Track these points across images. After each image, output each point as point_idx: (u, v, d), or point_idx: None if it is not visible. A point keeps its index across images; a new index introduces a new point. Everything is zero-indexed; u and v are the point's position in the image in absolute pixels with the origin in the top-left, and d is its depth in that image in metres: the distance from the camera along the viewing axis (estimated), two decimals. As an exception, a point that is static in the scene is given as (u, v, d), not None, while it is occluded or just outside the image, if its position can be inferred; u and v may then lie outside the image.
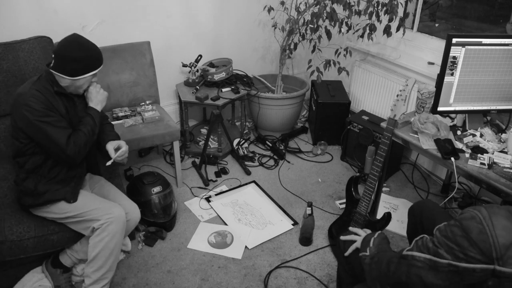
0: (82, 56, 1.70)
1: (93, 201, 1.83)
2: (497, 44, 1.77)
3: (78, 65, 1.70)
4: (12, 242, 1.76)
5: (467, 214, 1.00)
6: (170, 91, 3.22)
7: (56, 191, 1.78)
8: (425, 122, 1.87)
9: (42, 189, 1.77)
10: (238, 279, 2.08)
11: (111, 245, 1.76)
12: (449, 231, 1.02)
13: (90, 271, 1.77)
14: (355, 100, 3.38)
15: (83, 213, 1.77)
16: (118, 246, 1.80)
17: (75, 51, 1.69)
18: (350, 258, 1.54)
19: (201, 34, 3.16)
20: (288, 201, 2.66)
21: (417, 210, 1.66)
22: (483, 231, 0.95)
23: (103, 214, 1.75)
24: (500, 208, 0.99)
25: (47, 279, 1.95)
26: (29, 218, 1.84)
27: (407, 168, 2.99)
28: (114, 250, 1.77)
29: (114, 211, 1.78)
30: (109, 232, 1.74)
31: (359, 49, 3.24)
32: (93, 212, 1.76)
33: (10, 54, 2.09)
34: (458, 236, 0.99)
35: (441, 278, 1.03)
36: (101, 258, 1.76)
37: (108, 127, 2.00)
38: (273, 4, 3.06)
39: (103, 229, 1.74)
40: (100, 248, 1.74)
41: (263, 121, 3.29)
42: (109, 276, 1.81)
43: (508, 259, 0.93)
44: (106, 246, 1.75)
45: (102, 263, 1.76)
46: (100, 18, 2.66)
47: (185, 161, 3.05)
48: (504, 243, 0.93)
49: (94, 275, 1.77)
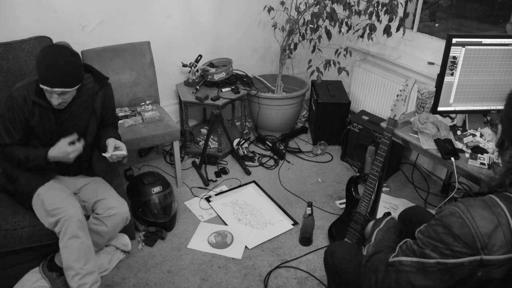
0: (42, 67, 1.63)
1: (58, 198, 1.83)
2: (497, 44, 1.77)
3: (39, 73, 1.65)
4: (6, 231, 1.78)
5: (446, 211, 1.01)
6: (170, 91, 3.22)
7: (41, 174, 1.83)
8: (425, 122, 1.87)
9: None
10: (238, 279, 2.08)
11: (75, 246, 1.74)
12: (431, 230, 1.03)
13: (68, 279, 1.76)
14: (355, 100, 3.38)
15: (53, 209, 1.78)
16: (84, 247, 1.76)
17: (41, 58, 1.64)
18: (338, 271, 1.48)
19: (201, 34, 3.16)
20: (288, 201, 2.66)
21: (406, 216, 1.65)
22: (464, 224, 0.96)
23: (62, 216, 1.75)
24: (475, 199, 1.01)
25: (45, 280, 1.94)
26: (24, 209, 1.87)
27: (407, 168, 2.99)
28: (81, 251, 1.75)
29: (69, 211, 1.76)
30: (68, 233, 1.74)
31: (359, 49, 3.24)
32: (57, 211, 1.77)
33: (10, 54, 2.10)
34: (441, 233, 1.00)
35: (431, 279, 1.03)
36: (72, 263, 1.75)
37: (113, 129, 2.03)
38: (273, 4, 3.06)
39: (64, 233, 1.74)
40: (67, 253, 1.74)
41: (263, 121, 3.29)
42: (88, 281, 1.77)
43: (492, 247, 0.95)
44: (72, 249, 1.74)
45: (77, 268, 1.75)
46: (100, 18, 2.66)
47: (185, 161, 3.05)
48: (486, 232, 0.95)
49: (73, 283, 1.75)
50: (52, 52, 1.65)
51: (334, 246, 1.59)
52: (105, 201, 1.90)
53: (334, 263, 1.49)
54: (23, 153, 1.76)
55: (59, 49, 1.67)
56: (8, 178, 1.89)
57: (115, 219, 1.90)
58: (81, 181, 2.02)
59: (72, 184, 1.99)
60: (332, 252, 1.53)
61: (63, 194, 1.86)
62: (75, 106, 1.82)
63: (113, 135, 1.94)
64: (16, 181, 1.86)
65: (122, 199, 1.97)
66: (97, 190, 1.97)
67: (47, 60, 1.62)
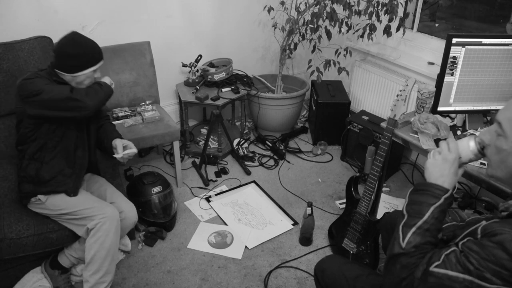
0: (78, 53, 1.72)
1: (88, 200, 1.84)
2: (497, 44, 1.76)
3: (75, 62, 1.73)
4: (11, 240, 1.76)
5: (507, 235, 0.92)
6: (170, 91, 3.22)
7: (58, 182, 1.79)
8: (425, 122, 1.87)
9: (46, 176, 1.78)
10: (238, 279, 2.08)
11: (107, 244, 1.75)
12: (490, 254, 0.93)
13: (88, 274, 1.77)
14: (355, 100, 3.38)
15: (77, 211, 1.77)
16: (114, 246, 1.79)
17: (71, 48, 1.72)
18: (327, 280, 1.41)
19: (201, 34, 3.16)
20: (288, 201, 2.66)
21: (388, 224, 1.63)
22: None
23: (97, 214, 1.75)
24: None
25: (46, 279, 1.95)
26: (29, 216, 1.85)
27: (407, 168, 2.99)
28: (110, 250, 1.77)
29: (107, 210, 1.78)
30: (104, 231, 1.74)
31: (359, 49, 3.24)
32: (87, 211, 1.77)
33: (10, 54, 2.09)
34: (504, 260, 0.91)
35: None
36: (98, 259, 1.75)
37: (110, 126, 2.02)
38: (273, 4, 3.06)
39: (98, 229, 1.74)
40: (96, 249, 1.74)
41: (263, 121, 3.29)
42: (107, 279, 1.80)
43: None
44: (102, 247, 1.75)
45: (99, 265, 1.76)
46: (100, 18, 2.66)
47: (185, 161, 3.05)
48: None
49: (92, 279, 1.76)
50: (71, 40, 1.74)
51: (324, 262, 1.49)
52: (115, 206, 1.88)
53: (326, 281, 1.41)
54: (96, 87, 1.81)
55: (72, 35, 1.77)
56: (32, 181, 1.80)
57: (124, 224, 1.90)
58: (86, 183, 2.02)
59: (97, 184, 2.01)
60: (322, 269, 1.45)
61: (93, 197, 1.88)
62: None
63: (116, 134, 1.95)
64: (50, 182, 1.81)
65: (131, 203, 1.96)
66: (105, 192, 1.97)
67: (76, 45, 1.74)
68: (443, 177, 1.12)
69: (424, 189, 1.12)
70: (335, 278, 1.39)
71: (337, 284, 1.38)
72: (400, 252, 1.05)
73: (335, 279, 1.39)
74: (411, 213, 1.10)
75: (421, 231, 1.06)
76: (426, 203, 1.08)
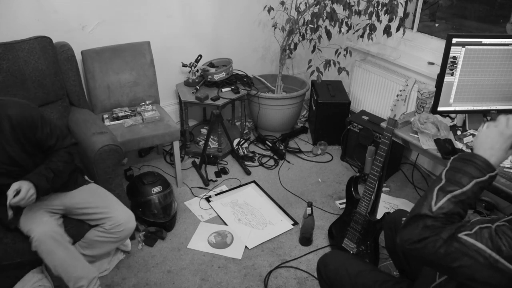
0: None
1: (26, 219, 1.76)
2: (497, 44, 1.76)
3: None
4: (6, 245, 1.75)
5: None
6: (170, 91, 3.22)
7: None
8: (425, 122, 1.87)
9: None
10: (238, 279, 2.08)
11: (55, 262, 1.73)
12: None
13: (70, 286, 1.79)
14: (355, 100, 3.38)
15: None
16: (64, 259, 1.75)
17: None
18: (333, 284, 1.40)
19: (201, 34, 3.16)
20: (288, 201, 2.66)
21: (390, 223, 1.63)
22: None
23: (32, 236, 1.70)
24: None
25: (47, 279, 1.95)
26: None
27: (407, 168, 2.99)
28: (62, 264, 1.74)
29: (35, 231, 1.70)
30: (42, 253, 1.72)
31: (359, 49, 3.24)
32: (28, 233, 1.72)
33: (10, 54, 2.09)
34: None
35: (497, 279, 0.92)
36: (63, 273, 1.76)
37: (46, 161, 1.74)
38: (273, 4, 3.06)
39: (41, 253, 1.72)
40: (54, 268, 1.74)
41: (263, 121, 3.29)
42: (84, 283, 1.78)
43: None
44: (53, 265, 1.74)
45: (65, 279, 1.76)
46: (100, 18, 2.66)
47: (185, 161, 3.05)
48: None
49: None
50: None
51: (327, 257, 1.48)
52: (113, 219, 1.84)
53: (328, 276, 1.41)
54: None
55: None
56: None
57: (123, 234, 1.88)
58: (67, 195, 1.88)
59: (57, 199, 1.86)
60: (325, 263, 1.44)
61: (31, 213, 1.77)
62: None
63: (32, 176, 1.63)
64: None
65: (129, 212, 1.90)
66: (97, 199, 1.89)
67: None
68: (493, 150, 1.06)
69: (470, 159, 1.05)
70: (338, 273, 1.39)
71: (339, 278, 1.38)
72: (427, 214, 1.01)
73: (337, 273, 1.39)
74: (450, 179, 1.05)
75: (456, 200, 1.01)
76: (469, 174, 1.03)
